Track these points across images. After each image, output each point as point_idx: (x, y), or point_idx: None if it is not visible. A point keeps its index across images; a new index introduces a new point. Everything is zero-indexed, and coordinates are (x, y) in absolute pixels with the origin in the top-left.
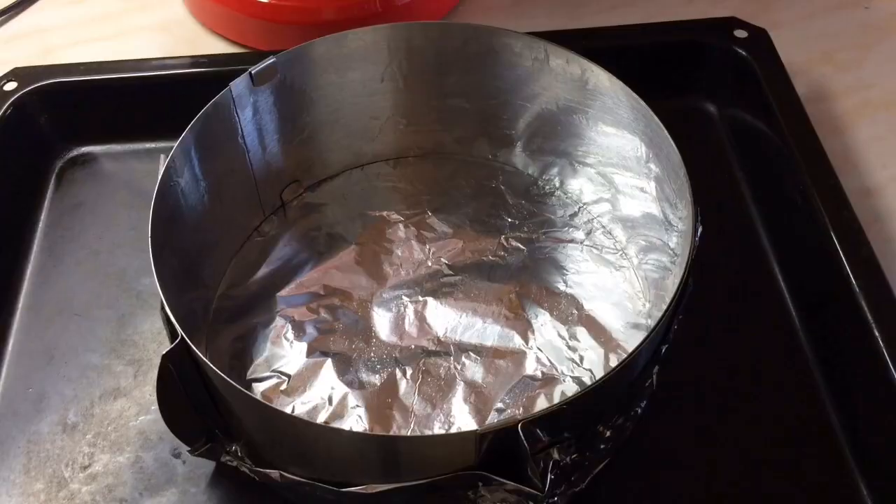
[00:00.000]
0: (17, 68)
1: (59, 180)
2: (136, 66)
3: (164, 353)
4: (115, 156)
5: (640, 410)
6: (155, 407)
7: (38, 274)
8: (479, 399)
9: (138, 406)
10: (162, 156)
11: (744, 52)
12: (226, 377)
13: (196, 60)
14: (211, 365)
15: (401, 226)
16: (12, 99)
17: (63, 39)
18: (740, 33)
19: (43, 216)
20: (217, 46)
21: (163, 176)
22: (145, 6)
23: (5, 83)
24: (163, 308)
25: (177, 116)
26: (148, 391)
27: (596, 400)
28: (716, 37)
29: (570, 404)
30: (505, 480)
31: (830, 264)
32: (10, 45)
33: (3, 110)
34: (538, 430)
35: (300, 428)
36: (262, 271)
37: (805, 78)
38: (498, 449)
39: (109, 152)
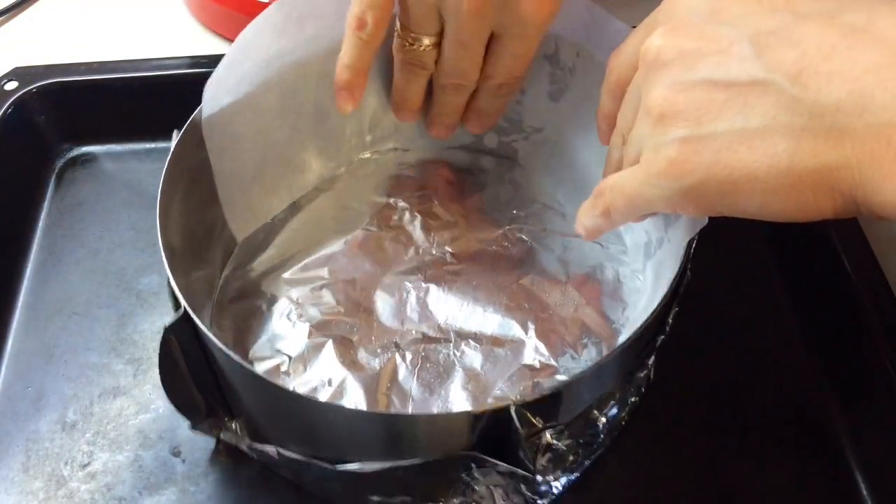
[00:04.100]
0: (17, 68)
1: (59, 180)
2: (136, 66)
3: (166, 324)
4: (115, 156)
5: (636, 401)
6: (154, 406)
7: (37, 273)
8: (476, 386)
9: (138, 405)
10: (175, 130)
11: None
12: (226, 349)
13: (196, 60)
14: (212, 337)
15: (407, 213)
16: (12, 99)
17: (63, 39)
18: None
19: (43, 216)
20: (217, 46)
21: (174, 150)
22: (145, 6)
23: (5, 83)
24: (169, 283)
25: (177, 116)
26: (147, 390)
27: (589, 386)
28: None
29: (563, 389)
30: (497, 462)
31: (830, 264)
32: (10, 45)
33: (3, 110)
34: (531, 414)
35: (297, 403)
36: (269, 253)
37: None
38: (492, 432)
39: (109, 152)
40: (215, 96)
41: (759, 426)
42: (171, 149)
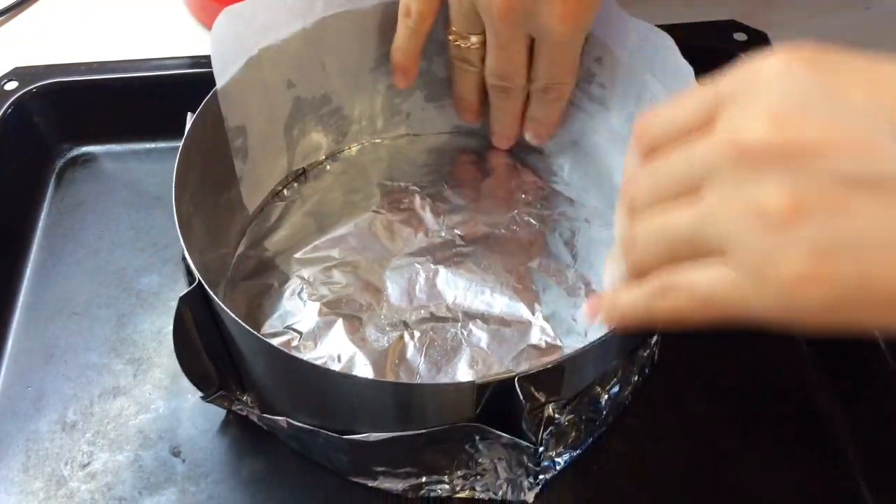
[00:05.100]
0: (17, 68)
1: (59, 180)
2: (136, 66)
3: (180, 295)
4: (115, 156)
5: (639, 380)
6: (154, 406)
7: (38, 273)
8: (483, 364)
9: (138, 405)
10: (189, 113)
11: (744, 56)
12: (237, 319)
13: (196, 60)
14: (223, 306)
15: (417, 196)
16: (12, 99)
17: (63, 39)
18: (740, 36)
19: (43, 216)
20: None
21: (188, 132)
22: (145, 6)
23: (5, 83)
24: (184, 258)
25: (177, 116)
26: (147, 390)
27: (592, 362)
28: (715, 40)
29: (565, 363)
30: (500, 433)
31: None
32: (10, 45)
33: (3, 110)
34: (534, 388)
35: (306, 371)
36: (281, 233)
37: None
38: (495, 404)
39: (109, 152)
40: (223, 64)
41: (760, 425)
42: (186, 130)
